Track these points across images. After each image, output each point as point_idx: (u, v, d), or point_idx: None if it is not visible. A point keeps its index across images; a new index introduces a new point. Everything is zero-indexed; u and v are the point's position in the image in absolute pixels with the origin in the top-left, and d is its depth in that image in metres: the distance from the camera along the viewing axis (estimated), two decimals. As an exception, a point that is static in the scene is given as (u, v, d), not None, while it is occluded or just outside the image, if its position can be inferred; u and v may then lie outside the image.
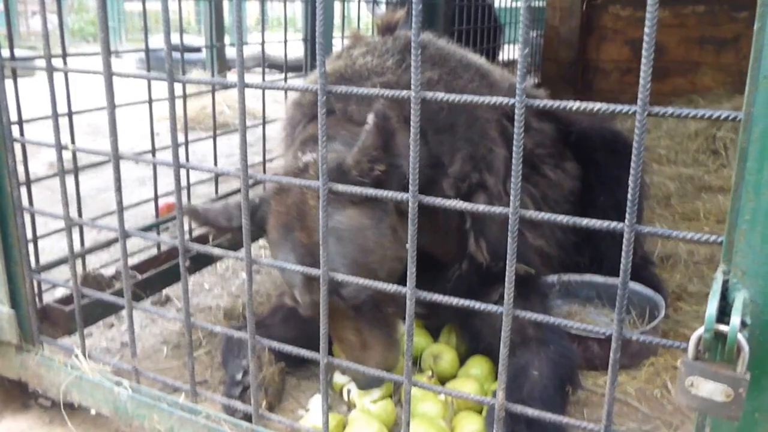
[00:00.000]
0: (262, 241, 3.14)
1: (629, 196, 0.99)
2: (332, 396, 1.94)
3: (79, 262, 2.15)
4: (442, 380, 1.93)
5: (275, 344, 1.40)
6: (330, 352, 2.05)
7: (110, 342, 2.25)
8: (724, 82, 6.11)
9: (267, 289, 2.60)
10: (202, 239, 2.49)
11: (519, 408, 1.17)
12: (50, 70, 1.51)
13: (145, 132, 3.02)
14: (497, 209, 1.11)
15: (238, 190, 2.86)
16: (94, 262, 2.63)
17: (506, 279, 1.12)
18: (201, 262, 2.52)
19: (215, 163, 2.71)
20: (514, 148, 1.02)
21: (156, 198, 2.45)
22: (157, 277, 2.25)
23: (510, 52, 6.45)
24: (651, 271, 2.60)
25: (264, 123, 2.92)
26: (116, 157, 1.48)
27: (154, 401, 1.53)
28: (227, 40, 8.50)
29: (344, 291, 1.66)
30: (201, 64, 7.79)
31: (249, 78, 1.29)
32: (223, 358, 1.98)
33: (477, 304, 1.17)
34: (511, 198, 1.07)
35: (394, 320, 1.81)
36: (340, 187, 1.22)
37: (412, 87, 1.05)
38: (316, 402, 1.84)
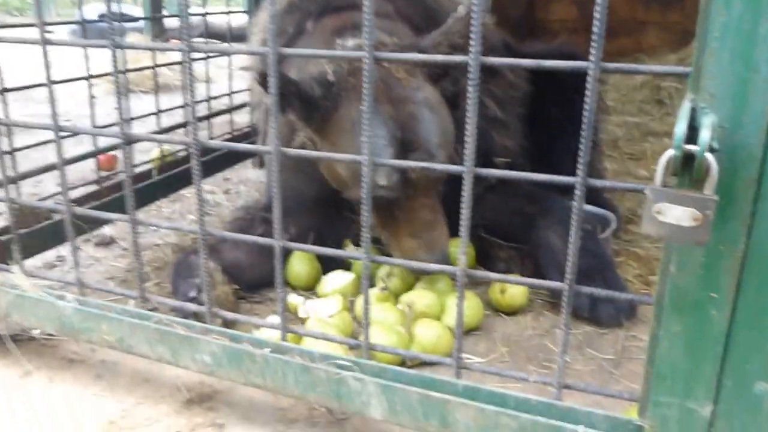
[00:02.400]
0: (209, 186, 3.08)
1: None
2: (287, 316, 1.91)
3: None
4: (398, 296, 1.92)
5: (231, 234, 1.35)
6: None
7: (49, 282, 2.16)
8: (669, 41, 6.21)
9: (215, 226, 2.54)
10: (144, 176, 2.42)
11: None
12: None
13: (79, 98, 2.93)
14: (455, 168, 1.13)
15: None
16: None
17: (461, 238, 1.10)
18: (143, 199, 2.44)
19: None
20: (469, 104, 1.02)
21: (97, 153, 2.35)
22: (98, 209, 2.16)
23: None
24: (603, 196, 2.65)
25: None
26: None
27: (101, 311, 1.47)
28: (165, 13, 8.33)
29: (434, 163, 1.71)
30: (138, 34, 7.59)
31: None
32: (174, 284, 1.93)
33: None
34: (466, 155, 1.07)
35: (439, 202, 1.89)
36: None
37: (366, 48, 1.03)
38: (269, 321, 1.80)
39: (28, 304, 1.55)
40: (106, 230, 2.49)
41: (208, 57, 2.88)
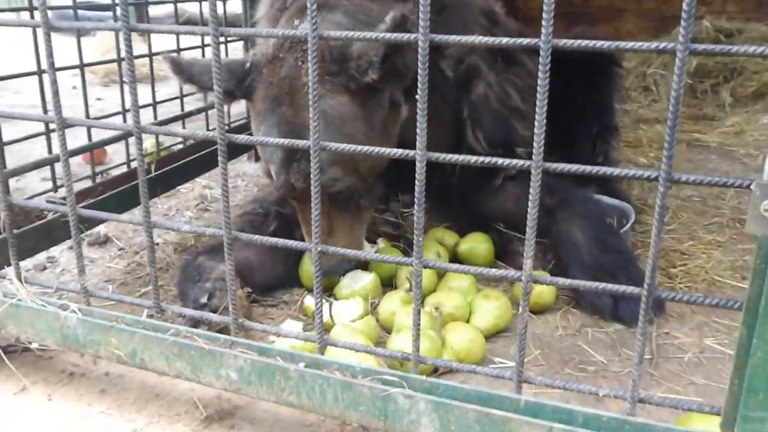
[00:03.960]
0: (206, 181, 2.91)
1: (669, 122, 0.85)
2: (304, 321, 1.76)
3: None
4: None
5: (258, 238, 1.19)
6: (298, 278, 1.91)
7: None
8: (645, 28, 6.15)
9: (219, 225, 2.37)
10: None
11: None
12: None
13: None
14: (522, 163, 0.98)
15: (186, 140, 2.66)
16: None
17: (527, 240, 0.96)
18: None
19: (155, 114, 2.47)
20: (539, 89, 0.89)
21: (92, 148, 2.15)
22: (94, 207, 1.98)
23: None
24: (617, 186, 2.56)
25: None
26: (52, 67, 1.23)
27: (110, 323, 1.30)
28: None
29: (322, 177, 1.53)
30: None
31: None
32: (181, 288, 1.76)
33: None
34: (534, 149, 0.93)
35: (365, 213, 1.78)
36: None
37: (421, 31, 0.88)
38: (287, 327, 1.65)
39: (25, 314, 1.38)
40: (101, 228, 2.31)
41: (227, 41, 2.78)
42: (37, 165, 1.74)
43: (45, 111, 1.85)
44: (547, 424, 1.03)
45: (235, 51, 3.89)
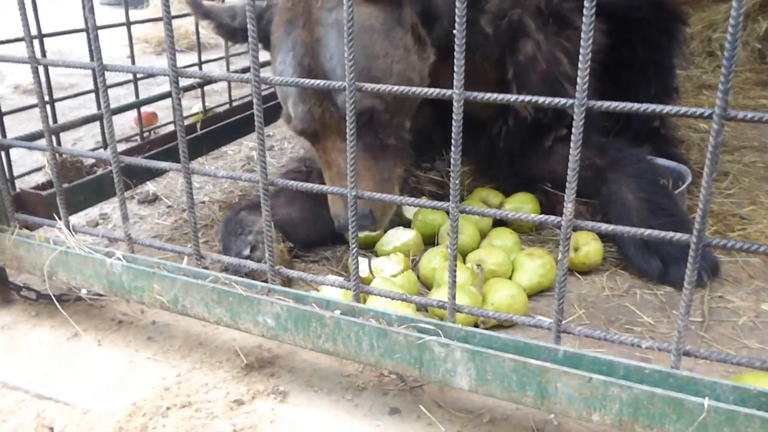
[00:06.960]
0: (252, 143, 2.93)
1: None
2: (346, 277, 1.77)
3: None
4: (463, 254, 1.76)
5: (294, 183, 1.19)
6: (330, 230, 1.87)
7: (96, 239, 2.05)
8: (711, -9, 5.87)
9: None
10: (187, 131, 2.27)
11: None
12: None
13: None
14: (565, 101, 0.92)
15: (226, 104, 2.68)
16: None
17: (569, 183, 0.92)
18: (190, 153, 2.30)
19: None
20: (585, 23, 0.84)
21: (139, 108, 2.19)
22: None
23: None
24: (673, 149, 2.47)
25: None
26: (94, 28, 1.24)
27: (152, 270, 1.33)
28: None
29: (338, 98, 1.51)
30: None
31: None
32: (224, 242, 1.79)
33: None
34: (578, 86, 0.88)
35: (392, 156, 1.66)
36: None
37: None
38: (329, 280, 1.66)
39: (74, 261, 1.43)
40: (150, 187, 2.36)
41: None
42: (86, 120, 1.79)
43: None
44: (586, 375, 1.00)
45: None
